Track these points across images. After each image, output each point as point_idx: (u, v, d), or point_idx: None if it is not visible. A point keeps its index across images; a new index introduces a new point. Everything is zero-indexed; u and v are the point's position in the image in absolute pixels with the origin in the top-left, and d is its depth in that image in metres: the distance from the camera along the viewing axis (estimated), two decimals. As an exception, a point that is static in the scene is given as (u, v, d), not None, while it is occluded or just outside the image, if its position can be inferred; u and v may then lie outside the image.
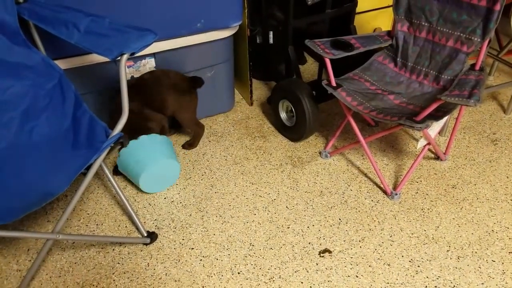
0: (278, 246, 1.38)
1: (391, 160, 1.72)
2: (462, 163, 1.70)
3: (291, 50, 1.77)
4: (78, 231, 1.44)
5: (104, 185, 1.63)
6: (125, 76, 1.10)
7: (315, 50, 1.48)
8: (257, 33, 2.02)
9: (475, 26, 1.40)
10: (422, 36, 1.54)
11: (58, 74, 1.29)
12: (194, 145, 1.79)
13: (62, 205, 1.54)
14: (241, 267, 1.31)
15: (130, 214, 1.38)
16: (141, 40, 1.08)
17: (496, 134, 1.86)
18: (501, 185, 1.59)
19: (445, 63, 1.49)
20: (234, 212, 1.50)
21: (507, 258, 1.32)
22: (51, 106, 1.27)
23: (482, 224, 1.44)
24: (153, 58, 1.63)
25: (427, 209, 1.50)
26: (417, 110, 1.44)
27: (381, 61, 1.64)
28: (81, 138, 1.22)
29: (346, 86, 1.53)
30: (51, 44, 1.37)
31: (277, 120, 1.86)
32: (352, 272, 1.29)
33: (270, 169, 1.69)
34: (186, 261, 1.33)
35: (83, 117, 1.26)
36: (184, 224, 1.46)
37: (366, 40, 1.57)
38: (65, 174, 1.14)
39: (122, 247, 1.38)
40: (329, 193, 1.58)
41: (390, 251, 1.35)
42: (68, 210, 1.19)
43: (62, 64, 1.46)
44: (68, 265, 1.33)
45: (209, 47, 1.71)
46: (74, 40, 1.16)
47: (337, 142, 1.82)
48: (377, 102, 1.50)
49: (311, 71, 2.35)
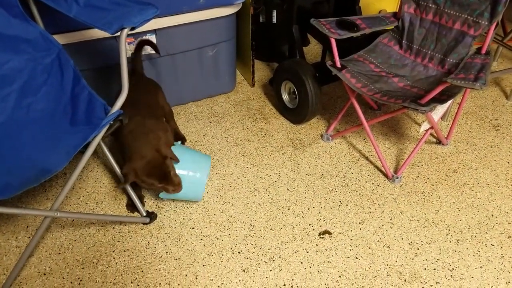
0: (279, 227, 1.38)
1: (392, 143, 1.71)
2: (463, 148, 1.69)
3: (296, 29, 1.73)
4: (78, 209, 1.44)
5: (104, 163, 1.61)
6: (125, 52, 1.08)
7: (321, 29, 1.45)
8: (261, 11, 1.98)
9: (483, 9, 1.37)
10: (429, 18, 1.51)
11: (56, 49, 1.27)
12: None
13: (61, 183, 1.53)
14: (241, 247, 1.31)
15: (129, 193, 1.37)
16: (142, 14, 1.05)
17: (498, 120, 1.85)
18: (502, 171, 1.59)
19: (451, 46, 1.46)
20: (235, 193, 1.50)
21: (506, 242, 1.33)
22: (49, 82, 1.25)
23: (482, 208, 1.44)
24: (154, 34, 1.59)
25: (427, 192, 1.50)
26: (421, 93, 1.42)
27: (386, 43, 1.62)
28: (80, 114, 1.21)
29: (350, 67, 1.51)
30: (50, 18, 1.34)
31: (279, 101, 1.84)
32: (351, 254, 1.29)
33: (271, 151, 1.68)
34: (187, 240, 1.33)
35: (82, 93, 1.24)
36: (185, 204, 1.45)
37: (371, 21, 1.54)
38: (64, 150, 1.13)
39: (122, 226, 1.37)
40: (330, 175, 1.57)
41: (389, 234, 1.36)
42: (67, 187, 1.17)
43: (61, 39, 1.42)
44: (67, 243, 1.32)
45: (212, 24, 1.67)
46: (73, 13, 1.13)
47: (339, 125, 1.81)
48: (381, 85, 1.48)
49: (314, 53, 2.32)
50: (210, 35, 1.71)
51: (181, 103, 1.92)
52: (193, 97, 1.93)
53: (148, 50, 1.62)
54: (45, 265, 1.26)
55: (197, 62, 1.78)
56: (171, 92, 1.83)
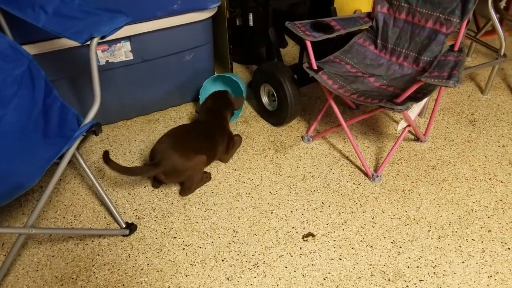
0: (262, 232, 1.37)
1: (372, 142, 1.72)
2: (441, 144, 1.72)
3: (272, 32, 1.73)
4: (55, 223, 1.40)
5: (81, 175, 1.58)
6: (95, 61, 1.05)
7: (296, 32, 1.45)
8: (237, 15, 1.96)
9: (454, 6, 1.39)
10: (402, 17, 1.52)
11: (26, 60, 1.23)
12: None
13: (37, 197, 1.48)
14: (224, 254, 1.30)
15: (107, 205, 1.34)
16: (112, 23, 1.03)
17: (474, 114, 1.89)
18: (480, 165, 1.62)
19: (425, 45, 1.48)
20: (217, 199, 1.48)
21: (486, 237, 1.35)
22: (20, 93, 1.21)
23: (461, 203, 1.46)
24: (129, 41, 1.56)
25: (408, 190, 1.51)
26: (397, 92, 1.43)
27: (361, 43, 1.63)
28: (52, 126, 1.17)
29: (327, 69, 1.51)
30: (19, 28, 1.30)
31: (259, 104, 1.83)
32: (335, 255, 1.29)
33: (253, 155, 1.67)
34: (169, 250, 1.31)
35: (54, 105, 1.20)
36: (166, 213, 1.43)
37: (346, 22, 1.54)
38: (37, 164, 1.09)
39: (102, 239, 1.34)
40: (312, 177, 1.57)
41: (372, 233, 1.36)
42: (41, 202, 1.14)
43: (31, 49, 1.39)
44: (45, 259, 1.29)
45: (188, 29, 1.65)
46: (41, 23, 1.10)
47: (319, 126, 1.81)
48: (357, 85, 1.48)
49: (292, 54, 2.32)
50: (186, 40, 1.69)
51: (160, 109, 1.89)
52: (172, 103, 1.90)
53: (123, 52, 1.59)
54: (22, 283, 1.22)
55: (175, 67, 1.76)
56: (149, 99, 1.80)
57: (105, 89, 1.65)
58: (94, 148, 1.69)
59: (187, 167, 1.40)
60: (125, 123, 1.83)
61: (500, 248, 1.31)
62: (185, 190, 1.48)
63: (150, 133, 1.77)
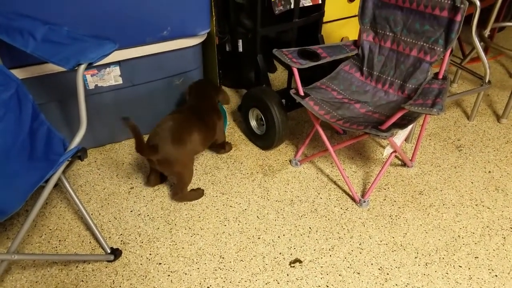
0: (249, 258, 1.35)
1: (359, 167, 1.74)
2: (428, 170, 1.73)
3: (260, 58, 1.76)
4: (40, 248, 1.37)
5: (67, 198, 1.56)
6: (82, 86, 1.06)
7: (283, 59, 1.48)
8: (226, 41, 2.00)
9: (438, 36, 1.43)
10: (387, 46, 1.56)
11: (15, 84, 1.23)
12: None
13: (22, 221, 1.46)
14: (210, 281, 1.28)
15: (92, 230, 1.32)
16: (99, 50, 1.04)
17: (460, 140, 1.91)
18: (466, 191, 1.63)
19: (410, 72, 1.51)
20: (204, 224, 1.47)
21: (473, 263, 1.35)
22: (7, 117, 1.21)
23: (448, 229, 1.47)
24: (118, 66, 1.58)
25: (395, 215, 1.52)
26: (383, 119, 1.46)
27: (347, 70, 1.66)
28: (38, 150, 1.17)
29: (313, 95, 1.53)
30: (8, 53, 1.31)
31: (247, 128, 1.84)
32: (322, 282, 1.28)
33: (241, 178, 1.67)
34: (153, 277, 1.29)
35: (41, 129, 1.20)
36: (152, 238, 1.42)
37: (332, 50, 1.58)
38: (21, 189, 1.08)
39: (86, 264, 1.32)
40: (300, 201, 1.57)
41: (359, 259, 1.35)
42: (25, 227, 1.12)
43: (20, 73, 1.39)
44: (28, 285, 1.26)
45: (177, 55, 1.68)
46: (30, 49, 1.11)
47: (307, 150, 1.83)
48: (343, 111, 1.51)
49: (281, 79, 2.35)
50: (176, 65, 1.71)
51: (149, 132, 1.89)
52: (161, 126, 1.90)
53: (112, 77, 1.60)
54: (1, 311, 1.19)
55: (164, 91, 1.78)
56: (138, 122, 1.80)
57: (93, 113, 1.65)
58: (81, 172, 1.68)
59: (180, 155, 1.45)
60: (113, 146, 1.83)
61: (487, 275, 1.31)
62: (177, 192, 1.49)
63: (138, 156, 1.77)
